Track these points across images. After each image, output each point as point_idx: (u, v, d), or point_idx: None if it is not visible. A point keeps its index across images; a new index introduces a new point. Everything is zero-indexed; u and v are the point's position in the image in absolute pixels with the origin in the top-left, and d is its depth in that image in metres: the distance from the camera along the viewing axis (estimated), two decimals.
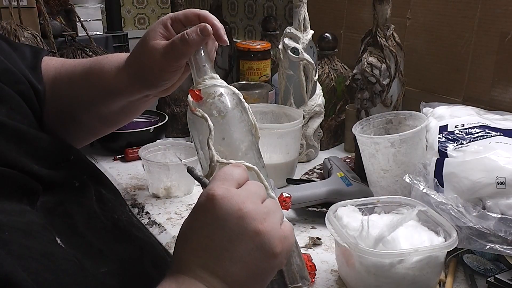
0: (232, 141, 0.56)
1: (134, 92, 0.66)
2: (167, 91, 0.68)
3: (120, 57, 0.67)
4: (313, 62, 1.12)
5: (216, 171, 0.55)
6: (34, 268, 0.44)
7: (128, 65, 0.65)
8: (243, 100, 0.59)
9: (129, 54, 0.66)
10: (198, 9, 0.63)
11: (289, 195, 0.60)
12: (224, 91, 0.57)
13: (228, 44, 0.64)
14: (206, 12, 0.63)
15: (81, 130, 0.74)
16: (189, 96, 0.57)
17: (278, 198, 0.58)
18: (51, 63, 0.71)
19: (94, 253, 0.54)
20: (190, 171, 0.54)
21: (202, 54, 0.60)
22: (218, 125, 0.55)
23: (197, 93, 0.57)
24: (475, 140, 0.82)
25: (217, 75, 0.60)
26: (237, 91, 0.59)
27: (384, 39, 1.00)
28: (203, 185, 0.52)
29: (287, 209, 0.60)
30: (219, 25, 0.62)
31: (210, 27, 0.59)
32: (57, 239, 0.51)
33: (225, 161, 0.54)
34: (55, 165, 0.59)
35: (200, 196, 0.49)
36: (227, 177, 0.49)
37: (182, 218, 0.96)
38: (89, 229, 0.57)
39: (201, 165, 0.58)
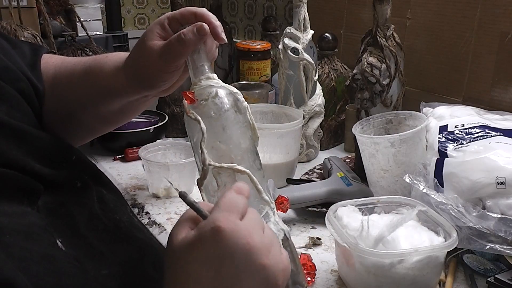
0: (226, 143, 0.55)
1: (133, 93, 0.66)
2: (166, 91, 0.67)
3: (119, 56, 0.66)
4: (313, 62, 1.12)
5: (209, 174, 0.54)
6: (34, 271, 0.44)
7: (126, 66, 0.64)
8: (241, 100, 0.58)
9: (128, 54, 0.66)
10: (195, 7, 0.62)
11: (286, 198, 0.59)
12: (219, 92, 0.56)
13: (226, 42, 0.62)
14: (203, 10, 0.62)
15: (80, 129, 0.74)
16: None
17: (275, 201, 0.57)
18: (50, 61, 0.70)
19: (95, 255, 0.54)
20: (183, 196, 0.50)
21: (200, 53, 0.60)
22: (211, 127, 0.54)
23: (189, 95, 0.56)
24: (475, 140, 0.82)
25: (214, 75, 0.59)
26: (235, 90, 0.58)
27: (384, 39, 1.00)
28: (198, 212, 0.49)
29: (285, 212, 0.59)
30: (217, 23, 0.61)
31: (207, 26, 0.59)
32: (57, 241, 0.51)
33: (217, 164, 0.54)
34: (56, 165, 0.59)
35: (203, 226, 0.46)
36: (232, 208, 0.47)
37: None
38: (90, 230, 0.57)
39: (198, 167, 0.58)
